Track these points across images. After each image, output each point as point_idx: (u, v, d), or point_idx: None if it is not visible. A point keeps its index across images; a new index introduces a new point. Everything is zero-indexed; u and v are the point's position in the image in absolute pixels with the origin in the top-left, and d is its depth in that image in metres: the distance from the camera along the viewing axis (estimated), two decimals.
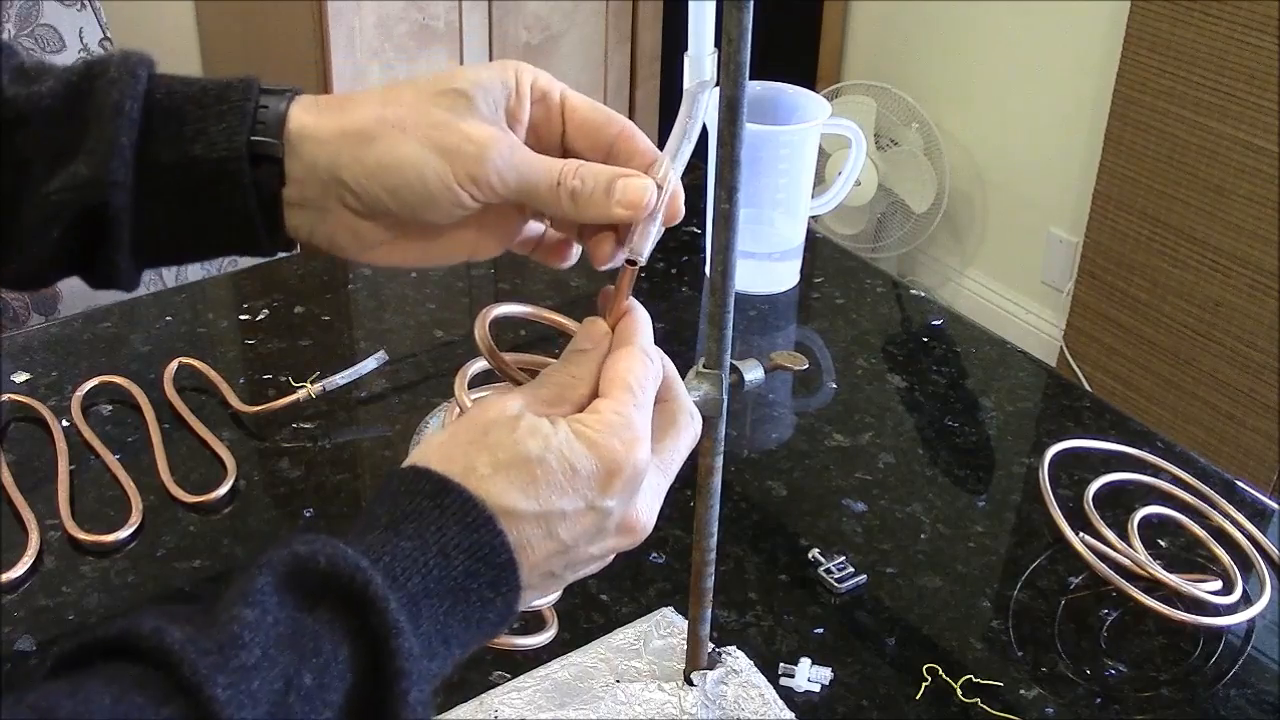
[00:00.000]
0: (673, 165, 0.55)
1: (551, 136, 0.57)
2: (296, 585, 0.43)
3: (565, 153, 0.57)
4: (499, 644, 0.56)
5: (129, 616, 0.41)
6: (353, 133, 0.53)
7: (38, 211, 0.52)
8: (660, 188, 0.54)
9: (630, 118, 0.57)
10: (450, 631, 0.46)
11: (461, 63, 2.45)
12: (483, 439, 0.48)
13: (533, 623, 0.62)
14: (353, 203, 0.54)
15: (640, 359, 0.52)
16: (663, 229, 0.55)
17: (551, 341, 0.60)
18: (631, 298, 0.54)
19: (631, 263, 0.53)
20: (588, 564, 0.51)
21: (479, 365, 0.56)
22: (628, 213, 0.53)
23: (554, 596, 0.55)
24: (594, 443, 0.49)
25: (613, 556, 0.53)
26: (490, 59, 2.48)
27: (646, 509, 0.52)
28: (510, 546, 0.47)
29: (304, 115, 0.53)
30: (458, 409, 0.57)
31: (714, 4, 0.62)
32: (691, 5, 0.88)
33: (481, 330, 0.54)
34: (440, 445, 0.49)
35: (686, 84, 0.61)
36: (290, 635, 0.41)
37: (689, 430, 0.55)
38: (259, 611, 0.41)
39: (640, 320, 0.54)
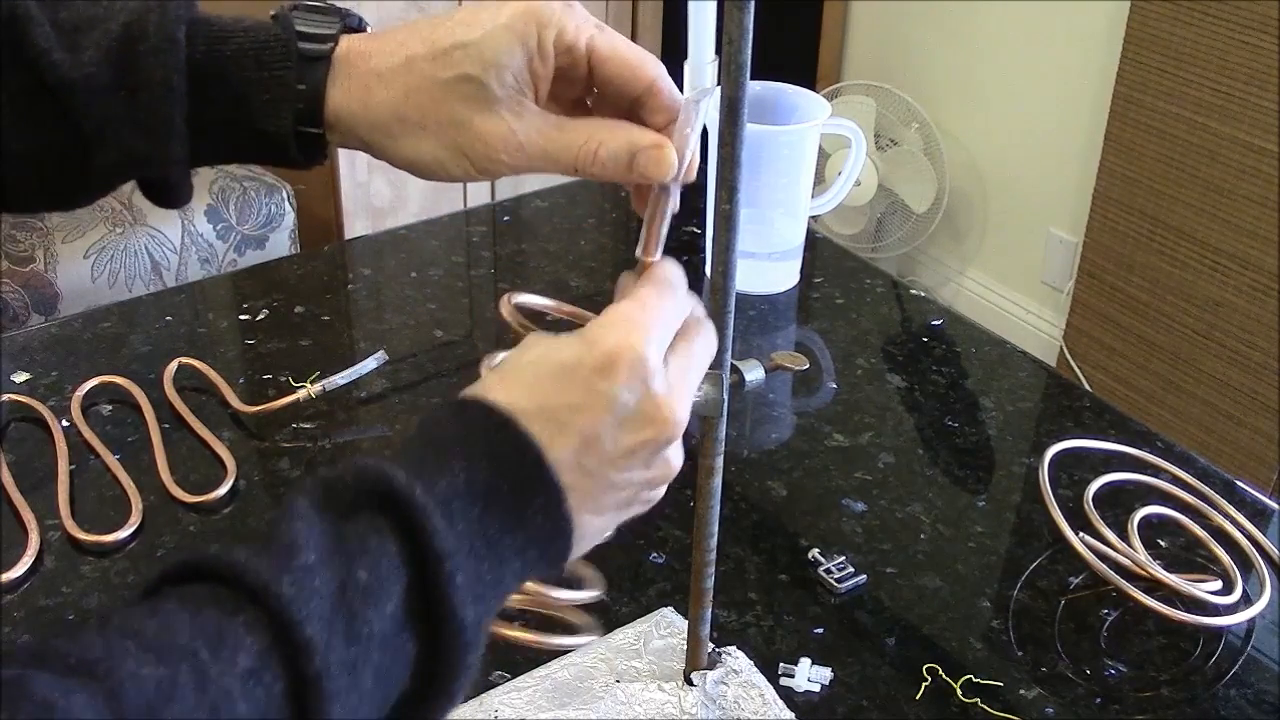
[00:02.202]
0: (678, 170, 0.55)
1: (575, 88, 0.57)
2: (330, 502, 0.45)
3: (589, 102, 0.58)
4: (546, 599, 0.56)
5: (188, 553, 0.43)
6: (379, 126, 0.55)
7: (95, 176, 0.55)
8: (667, 189, 0.55)
9: None
10: (490, 533, 0.46)
11: None
12: (519, 354, 0.51)
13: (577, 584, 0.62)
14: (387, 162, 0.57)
15: (658, 279, 0.53)
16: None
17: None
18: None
19: (663, 188, 0.55)
20: (628, 462, 0.50)
21: (502, 356, 0.57)
22: (651, 179, 0.54)
23: (613, 525, 0.54)
24: (588, 338, 0.50)
25: (665, 462, 0.52)
26: None
27: (670, 397, 0.51)
28: (533, 443, 0.47)
29: (337, 95, 0.55)
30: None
31: (714, 11, 0.62)
32: (692, 14, 0.88)
33: (508, 309, 0.57)
34: (491, 380, 0.51)
35: (687, 92, 0.61)
36: (337, 541, 0.43)
37: (703, 331, 0.55)
38: (305, 524, 0.43)
39: (670, 263, 0.55)
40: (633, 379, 0.49)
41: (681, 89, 0.59)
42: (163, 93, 0.53)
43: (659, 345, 0.51)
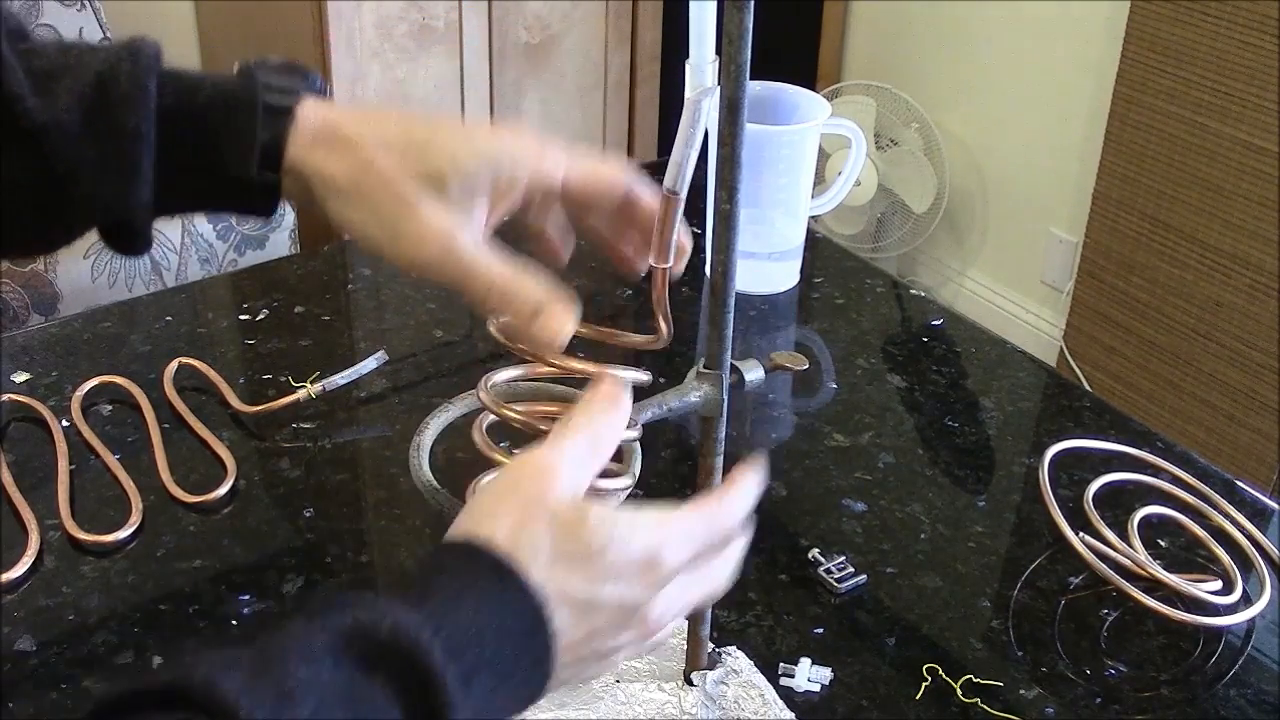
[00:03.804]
0: (681, 174, 0.55)
1: (547, 209, 0.61)
2: (357, 649, 0.44)
3: (575, 215, 0.62)
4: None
5: (176, 664, 0.42)
6: (331, 185, 0.57)
7: (61, 220, 0.56)
8: (676, 193, 0.56)
9: (630, 118, 0.58)
10: (492, 706, 0.47)
11: (461, 63, 2.45)
12: (548, 521, 0.50)
13: None
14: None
15: (720, 500, 0.56)
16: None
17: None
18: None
19: (672, 193, 0.56)
20: (599, 661, 0.53)
21: (505, 374, 0.60)
22: (535, 341, 0.56)
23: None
24: (642, 534, 0.51)
25: (618, 659, 0.54)
26: (490, 59, 2.48)
27: (664, 610, 0.53)
28: (553, 634, 0.49)
29: (298, 149, 0.57)
30: (451, 409, 0.62)
31: (714, 11, 0.63)
32: (692, 14, 0.88)
33: (486, 395, 0.58)
34: (503, 517, 0.51)
35: (688, 93, 0.62)
36: (346, 694, 0.43)
37: (730, 548, 0.57)
38: (314, 669, 0.43)
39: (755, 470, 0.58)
40: (655, 585, 0.52)
41: (682, 89, 0.59)
42: (133, 138, 0.54)
43: (689, 550, 0.53)
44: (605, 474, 0.58)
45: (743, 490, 0.56)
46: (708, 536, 0.54)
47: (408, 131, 0.57)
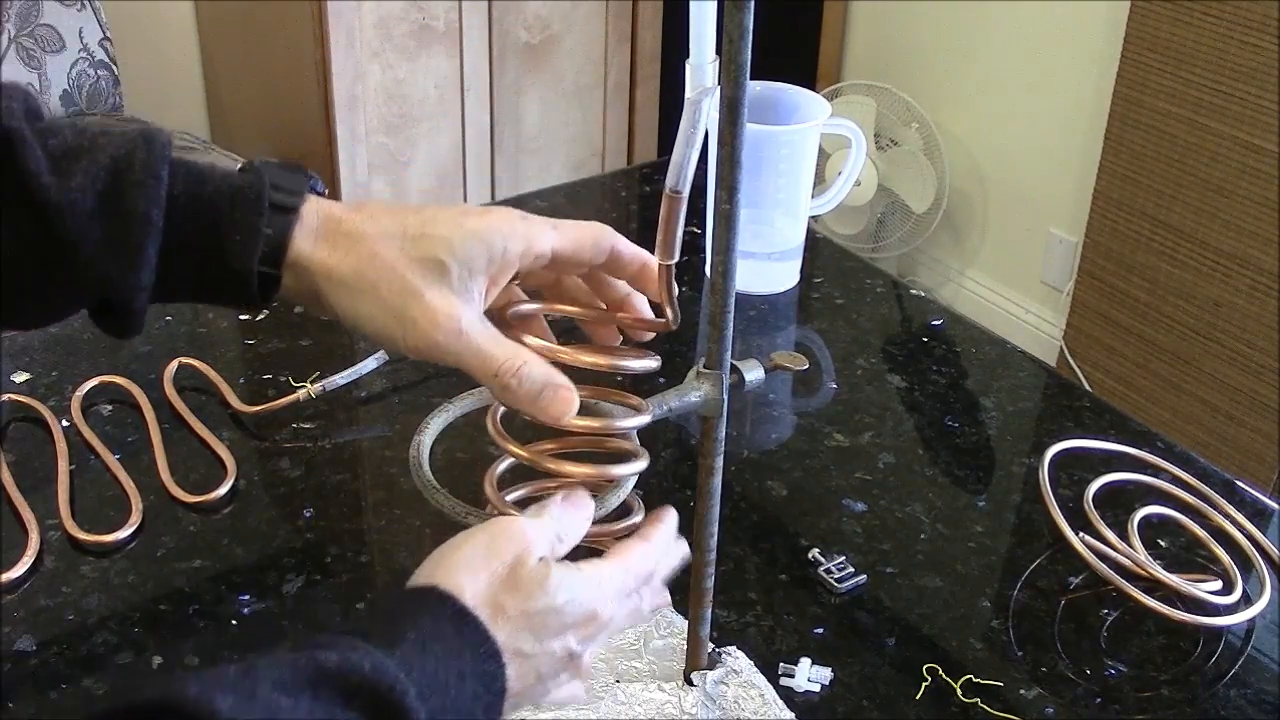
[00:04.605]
0: (682, 174, 0.56)
1: (539, 280, 0.64)
2: (336, 683, 0.48)
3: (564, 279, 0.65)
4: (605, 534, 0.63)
5: (167, 681, 0.45)
6: (336, 279, 0.59)
7: (62, 294, 0.58)
8: (678, 193, 0.57)
9: (630, 118, 0.58)
10: None
11: (461, 63, 2.45)
12: (514, 581, 0.56)
13: None
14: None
15: (654, 544, 0.62)
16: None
17: (572, 333, 0.61)
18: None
19: (675, 192, 0.57)
20: (534, 700, 0.58)
21: (507, 463, 0.63)
22: (545, 418, 0.59)
23: None
24: (584, 594, 0.57)
25: (551, 698, 0.59)
26: (490, 59, 2.48)
27: (594, 652, 0.60)
28: (506, 682, 0.54)
29: (304, 245, 0.59)
30: (451, 409, 0.66)
31: (714, 11, 0.63)
32: (693, 14, 0.88)
33: (491, 488, 0.62)
34: (471, 573, 0.55)
35: (689, 93, 0.62)
36: None
37: (655, 579, 0.62)
38: (293, 700, 0.46)
39: (667, 515, 0.63)
40: (592, 638, 0.59)
41: (682, 89, 0.59)
42: (142, 223, 0.56)
43: (616, 611, 0.59)
44: (616, 460, 0.62)
45: (662, 533, 0.62)
46: (637, 583, 0.61)
47: (403, 223, 0.60)
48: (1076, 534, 0.84)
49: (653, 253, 0.61)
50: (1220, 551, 0.85)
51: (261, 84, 2.56)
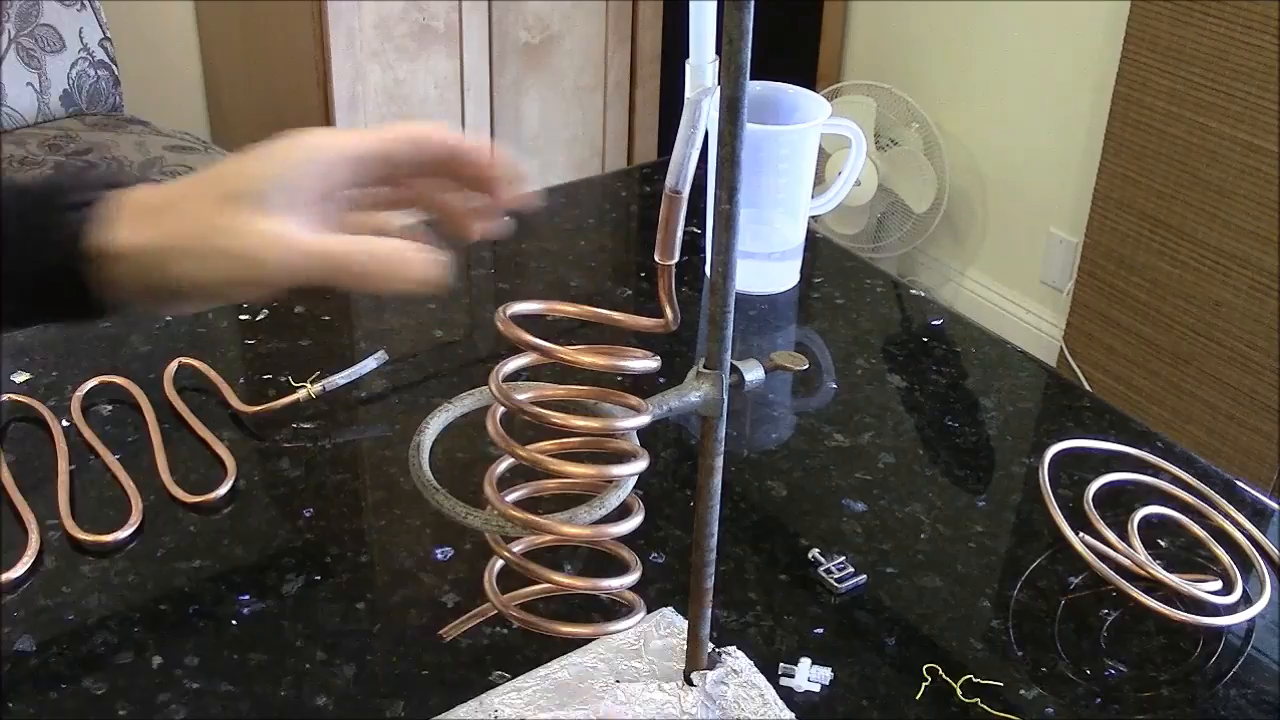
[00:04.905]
0: (682, 174, 0.55)
1: (387, 186, 0.63)
2: None
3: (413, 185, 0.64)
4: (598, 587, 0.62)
5: None
6: (154, 252, 0.56)
7: None
8: (679, 193, 0.56)
9: (630, 118, 0.58)
10: None
11: (461, 63, 2.45)
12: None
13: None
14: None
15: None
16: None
17: (574, 333, 0.61)
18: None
19: (675, 192, 0.56)
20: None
21: (507, 463, 0.62)
22: (410, 286, 0.57)
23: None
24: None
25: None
26: (490, 59, 2.48)
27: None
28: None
29: (105, 234, 0.56)
30: (451, 409, 0.63)
31: (714, 11, 0.63)
32: (693, 14, 0.88)
33: (491, 488, 0.60)
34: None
35: (689, 93, 0.62)
36: None
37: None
38: None
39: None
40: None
41: (682, 89, 0.59)
42: None
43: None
44: (616, 460, 0.60)
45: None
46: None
47: (196, 179, 0.58)
48: (1076, 534, 0.84)
49: (653, 253, 0.61)
50: (1220, 551, 0.85)
51: (261, 84, 2.56)
